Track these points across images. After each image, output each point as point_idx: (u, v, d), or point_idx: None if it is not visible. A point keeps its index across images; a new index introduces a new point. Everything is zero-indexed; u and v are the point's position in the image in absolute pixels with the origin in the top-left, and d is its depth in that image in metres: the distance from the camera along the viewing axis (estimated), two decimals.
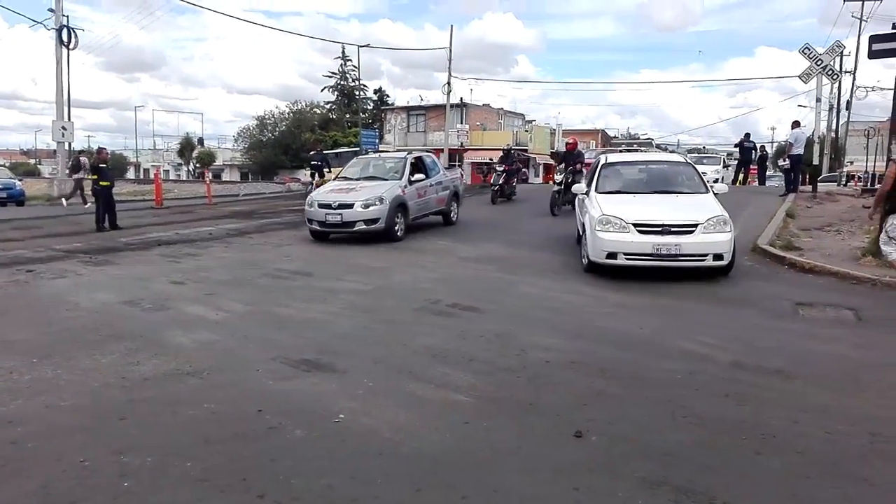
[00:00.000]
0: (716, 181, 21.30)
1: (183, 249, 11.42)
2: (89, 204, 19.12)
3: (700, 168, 24.82)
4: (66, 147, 27.94)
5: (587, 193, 10.04)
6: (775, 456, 3.69)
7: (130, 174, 71.10)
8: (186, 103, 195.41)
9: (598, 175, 10.28)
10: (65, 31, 26.18)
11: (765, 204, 15.99)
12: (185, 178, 62.86)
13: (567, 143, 18.14)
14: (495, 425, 4.11)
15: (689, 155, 32.44)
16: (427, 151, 15.49)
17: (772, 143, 56.25)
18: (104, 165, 15.25)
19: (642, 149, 15.76)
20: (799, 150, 18.65)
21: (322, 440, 3.86)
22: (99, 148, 16.85)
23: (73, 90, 27.31)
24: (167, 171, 69.13)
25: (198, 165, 66.86)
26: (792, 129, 18.91)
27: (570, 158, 16.93)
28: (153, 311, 6.98)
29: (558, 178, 16.79)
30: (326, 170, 21.99)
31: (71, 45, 26.53)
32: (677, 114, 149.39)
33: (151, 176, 39.99)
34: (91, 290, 7.93)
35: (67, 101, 27.20)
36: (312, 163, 22.78)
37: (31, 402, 4.44)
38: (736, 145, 25.62)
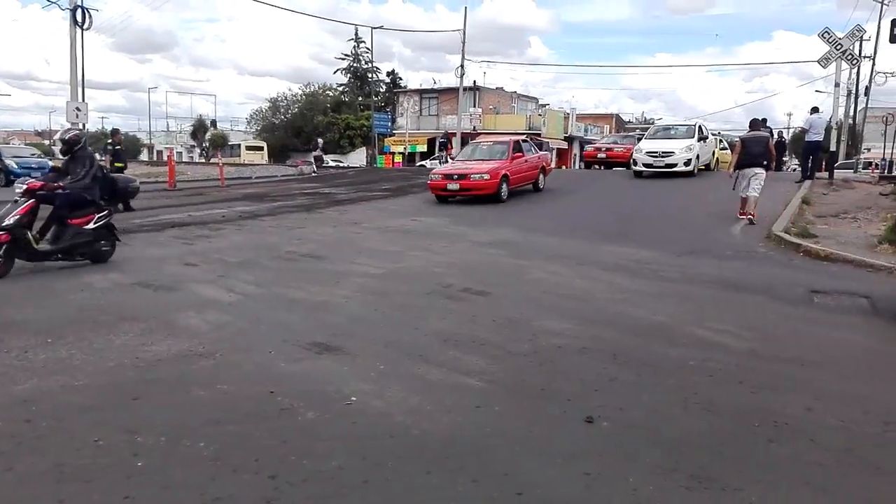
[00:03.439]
0: (687, 162, 19.09)
1: (195, 231, 11.46)
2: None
3: (659, 144, 19.42)
4: (80, 128, 28.02)
5: None
6: (788, 443, 3.67)
7: (144, 156, 71.20)
8: (198, 85, 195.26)
9: None
10: (79, 12, 26.18)
11: (781, 190, 15.82)
12: (197, 161, 62.96)
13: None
14: (506, 409, 4.10)
15: (654, 125, 29.97)
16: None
17: (788, 128, 55.74)
18: (118, 147, 15.31)
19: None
20: (816, 136, 18.37)
21: (334, 422, 3.88)
22: (113, 130, 16.99)
23: (86, 71, 27.33)
24: (180, 153, 69.24)
25: (209, 148, 67.00)
26: (810, 114, 18.65)
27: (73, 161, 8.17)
28: (166, 292, 7.02)
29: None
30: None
31: (85, 26, 26.44)
32: (693, 98, 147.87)
33: (165, 158, 40.16)
34: (104, 270, 7.97)
35: (81, 81, 27.18)
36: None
37: (46, 381, 4.48)
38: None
